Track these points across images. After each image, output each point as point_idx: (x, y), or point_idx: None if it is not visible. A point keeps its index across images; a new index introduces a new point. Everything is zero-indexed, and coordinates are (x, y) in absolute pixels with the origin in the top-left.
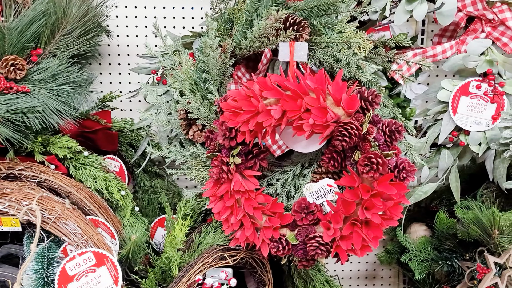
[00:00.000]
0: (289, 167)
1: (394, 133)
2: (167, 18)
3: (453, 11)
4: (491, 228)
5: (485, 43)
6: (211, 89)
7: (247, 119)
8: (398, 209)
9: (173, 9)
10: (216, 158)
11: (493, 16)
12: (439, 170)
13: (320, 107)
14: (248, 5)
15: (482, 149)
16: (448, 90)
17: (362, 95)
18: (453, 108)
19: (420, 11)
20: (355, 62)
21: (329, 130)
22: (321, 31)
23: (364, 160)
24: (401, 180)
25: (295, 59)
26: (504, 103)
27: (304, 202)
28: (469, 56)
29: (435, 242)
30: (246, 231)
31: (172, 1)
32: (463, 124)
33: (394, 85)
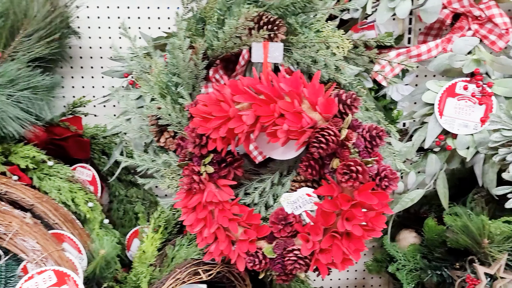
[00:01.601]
0: (267, 175)
1: (375, 138)
2: (142, 18)
3: (437, 8)
4: (480, 237)
5: (471, 42)
6: (183, 93)
7: (218, 126)
8: (380, 219)
9: (148, 9)
10: (187, 167)
11: (480, 12)
12: (427, 175)
13: (295, 111)
14: (220, 3)
15: (471, 154)
16: (433, 91)
17: (340, 99)
18: (440, 111)
19: (403, 9)
20: (334, 63)
21: (305, 136)
22: (298, 30)
23: (343, 168)
24: (383, 188)
25: (270, 61)
26: (493, 104)
27: (282, 212)
28: (455, 56)
29: (424, 250)
30: (220, 245)
31: (147, 1)
32: (450, 127)
33: (380, 86)
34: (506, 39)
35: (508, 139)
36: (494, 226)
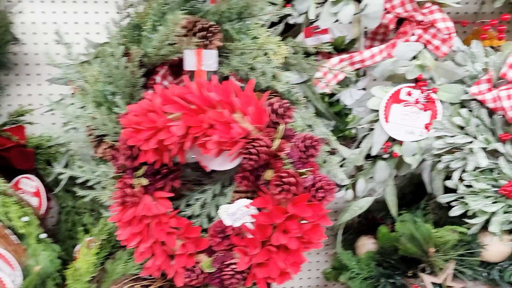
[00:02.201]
0: (209, 186)
1: (309, 148)
2: (90, 24)
3: (379, 13)
4: (426, 245)
5: (414, 47)
6: (118, 102)
7: (148, 137)
8: (317, 231)
9: (96, 14)
10: (120, 180)
11: (423, 17)
12: (376, 182)
13: (225, 122)
14: (155, 9)
15: (417, 161)
16: (379, 97)
17: (272, 108)
18: (385, 117)
19: (345, 14)
20: (270, 70)
21: (238, 147)
22: (235, 36)
23: (276, 179)
24: (319, 200)
25: (204, 69)
26: (437, 110)
27: (221, 225)
28: (398, 61)
29: (379, 257)
30: (156, 260)
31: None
32: (395, 134)
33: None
34: (449, 44)
35: (451, 146)
36: (438, 234)
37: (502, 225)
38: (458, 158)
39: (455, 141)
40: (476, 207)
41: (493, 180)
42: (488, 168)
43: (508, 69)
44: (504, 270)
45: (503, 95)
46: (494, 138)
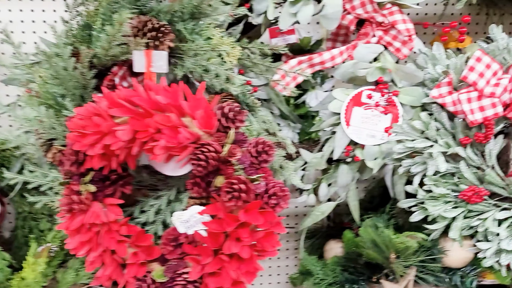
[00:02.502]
0: (164, 192)
1: (261, 154)
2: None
3: (337, 14)
4: (387, 251)
5: (374, 49)
6: (67, 105)
7: (94, 142)
8: (271, 239)
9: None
10: (67, 186)
11: (383, 18)
12: (339, 187)
13: (172, 126)
14: (105, 8)
15: (378, 165)
16: (340, 100)
17: (222, 112)
18: (346, 120)
19: (305, 14)
20: (224, 72)
21: (187, 152)
22: (187, 37)
23: (226, 186)
24: (272, 207)
25: (154, 70)
26: (399, 113)
27: (174, 232)
28: (358, 63)
29: (344, 262)
30: (106, 269)
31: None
32: (357, 138)
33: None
34: (410, 46)
35: (411, 150)
36: (398, 240)
37: (462, 231)
38: (418, 162)
39: (414, 145)
40: (435, 213)
41: (454, 185)
42: (449, 173)
43: (468, 71)
44: (466, 276)
45: (463, 98)
46: (455, 142)
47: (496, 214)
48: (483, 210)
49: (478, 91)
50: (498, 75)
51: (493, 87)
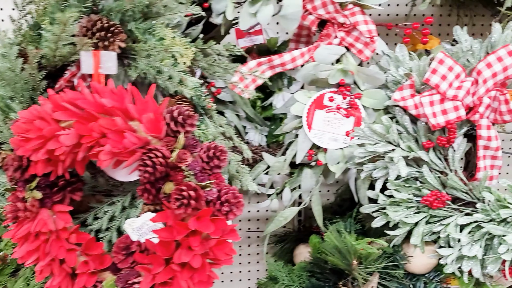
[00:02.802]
0: (119, 197)
1: (213, 159)
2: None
3: (297, 14)
4: (350, 257)
5: (335, 50)
6: (14, 107)
7: (37, 147)
8: (224, 247)
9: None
10: (13, 193)
11: (345, 19)
12: (303, 191)
13: (117, 130)
14: (53, 7)
15: (341, 169)
16: (302, 103)
17: (171, 115)
18: (308, 124)
19: (264, 15)
20: (177, 74)
21: (135, 158)
22: (140, 37)
23: (175, 193)
24: (225, 214)
25: (103, 72)
26: (361, 116)
27: (126, 240)
28: (319, 65)
29: (310, 268)
30: (55, 279)
31: None
32: (319, 141)
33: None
34: (371, 47)
35: (372, 154)
36: (359, 246)
37: (424, 236)
38: (380, 167)
39: (375, 149)
40: (396, 218)
41: (416, 190)
42: (412, 177)
43: (431, 74)
44: (429, 282)
45: (425, 101)
46: (418, 146)
47: (459, 220)
48: (445, 216)
49: (440, 94)
50: (461, 78)
51: (455, 90)
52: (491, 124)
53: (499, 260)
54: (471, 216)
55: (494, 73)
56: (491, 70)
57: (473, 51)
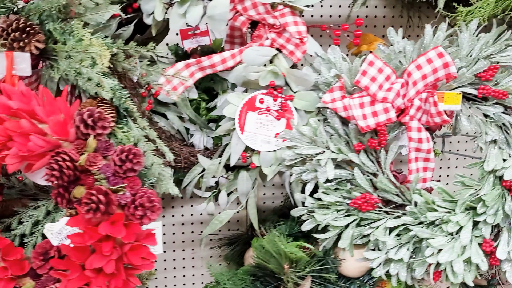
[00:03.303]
0: (44, 202)
1: (126, 162)
2: None
3: (224, 15)
4: (282, 261)
5: (264, 52)
6: None
7: None
8: (140, 252)
9: None
10: None
11: (274, 20)
12: (240, 194)
13: (23, 133)
14: None
15: (273, 171)
16: (234, 105)
17: (81, 118)
18: (240, 126)
19: (193, 15)
20: (95, 75)
21: (43, 162)
22: (58, 38)
23: (85, 197)
24: (138, 218)
25: (17, 73)
26: (294, 118)
27: (46, 245)
28: (249, 67)
29: (254, 271)
30: None
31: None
32: (252, 144)
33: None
34: (302, 49)
35: (301, 157)
36: (288, 250)
37: (355, 240)
38: (309, 169)
39: (302, 152)
40: (324, 221)
41: (347, 192)
42: (345, 179)
43: (361, 76)
44: (363, 285)
45: (355, 103)
46: (349, 148)
47: (388, 222)
48: (376, 218)
49: (370, 96)
50: (391, 80)
51: (385, 92)
52: (422, 126)
53: (426, 263)
54: (399, 219)
55: (424, 75)
56: (421, 72)
57: (405, 53)
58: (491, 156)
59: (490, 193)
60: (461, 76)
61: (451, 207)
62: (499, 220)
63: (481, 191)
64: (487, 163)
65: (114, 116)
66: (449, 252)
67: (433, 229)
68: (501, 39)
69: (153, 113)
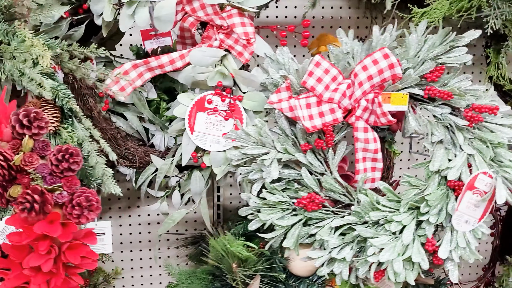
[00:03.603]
0: None
1: (62, 162)
2: None
3: (170, 16)
4: (230, 261)
5: (211, 53)
6: None
7: None
8: (79, 251)
9: None
10: None
11: (222, 21)
12: (193, 194)
13: None
14: None
15: (223, 171)
16: (184, 105)
17: (17, 118)
18: (190, 126)
19: (141, 17)
20: (35, 75)
21: None
22: (2, 39)
23: (20, 197)
24: (76, 217)
25: None
26: (243, 119)
27: None
28: (197, 67)
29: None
30: None
31: None
32: (202, 144)
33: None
34: (249, 50)
35: (247, 157)
36: (233, 249)
37: (299, 239)
38: (256, 169)
39: (246, 152)
40: (268, 221)
41: (294, 192)
42: (293, 179)
43: (307, 76)
44: (311, 284)
45: (301, 103)
46: (296, 148)
47: (332, 222)
48: (323, 218)
49: (317, 96)
50: (338, 80)
51: (331, 92)
52: (368, 127)
53: (368, 262)
54: (343, 219)
55: (369, 75)
56: (367, 73)
57: (354, 54)
58: (436, 156)
59: (434, 193)
60: (407, 77)
61: (396, 206)
62: (442, 219)
63: (426, 191)
64: (432, 163)
65: (58, 116)
66: (390, 251)
67: (378, 228)
68: (446, 40)
69: (112, 113)
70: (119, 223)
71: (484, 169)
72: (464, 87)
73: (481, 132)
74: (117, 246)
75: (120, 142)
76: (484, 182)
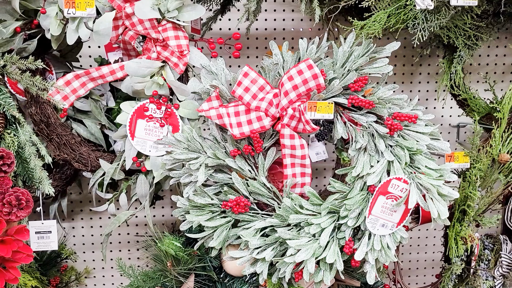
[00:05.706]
0: None
1: None
2: None
3: (107, 30)
4: (166, 260)
5: (146, 64)
6: None
7: None
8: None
9: None
10: None
11: (157, 35)
12: (139, 196)
13: None
14: None
15: (161, 175)
16: (126, 112)
17: None
18: (131, 132)
19: (83, 31)
20: None
21: None
22: None
23: None
24: (6, 215)
25: None
26: (179, 126)
27: None
28: (134, 78)
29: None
30: None
31: None
32: (142, 149)
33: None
34: (183, 61)
35: (178, 161)
36: (163, 248)
37: (227, 240)
38: (186, 173)
39: (176, 157)
40: (195, 222)
41: (224, 195)
42: (226, 183)
43: (236, 86)
44: (244, 284)
45: (230, 112)
46: (226, 154)
47: (256, 224)
48: (250, 220)
49: (245, 105)
50: (265, 90)
51: (258, 101)
52: (295, 134)
53: (288, 263)
54: (265, 221)
55: (294, 85)
56: (292, 82)
57: (284, 65)
58: (359, 162)
59: (354, 197)
60: (332, 87)
61: (318, 210)
62: (361, 223)
63: (348, 196)
64: (355, 169)
65: (2, 122)
66: (306, 252)
67: (300, 231)
68: (368, 52)
69: (74, 120)
70: (90, 224)
71: (398, 174)
72: (386, 97)
73: (402, 140)
74: (89, 246)
75: (75, 147)
76: (398, 187)
